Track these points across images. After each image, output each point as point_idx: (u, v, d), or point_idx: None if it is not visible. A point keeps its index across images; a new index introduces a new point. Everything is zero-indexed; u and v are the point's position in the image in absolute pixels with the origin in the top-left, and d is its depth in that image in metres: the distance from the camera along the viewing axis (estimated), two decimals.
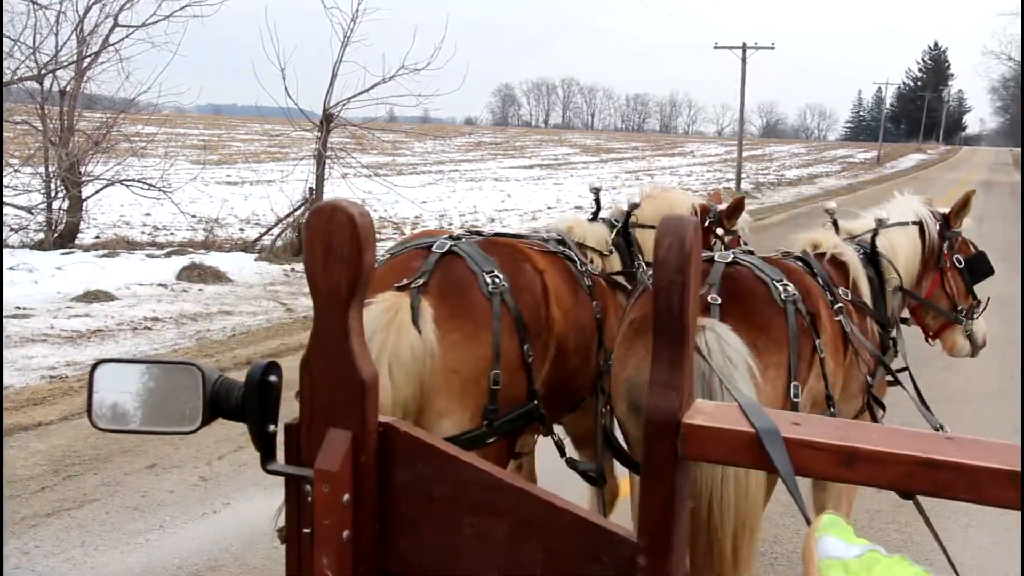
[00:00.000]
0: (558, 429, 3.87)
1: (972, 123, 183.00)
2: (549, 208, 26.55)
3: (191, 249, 14.96)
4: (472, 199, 28.22)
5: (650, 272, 3.51)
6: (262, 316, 11.08)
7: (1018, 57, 45.76)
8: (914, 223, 4.43)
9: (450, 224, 21.34)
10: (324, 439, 1.35)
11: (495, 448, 3.31)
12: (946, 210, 4.59)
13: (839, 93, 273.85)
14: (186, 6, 14.84)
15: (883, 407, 3.99)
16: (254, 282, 13.09)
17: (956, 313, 4.55)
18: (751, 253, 3.67)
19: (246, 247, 15.78)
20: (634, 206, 4.59)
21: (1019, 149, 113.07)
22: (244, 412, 1.39)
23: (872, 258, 4.20)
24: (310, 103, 16.29)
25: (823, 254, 4.00)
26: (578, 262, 3.96)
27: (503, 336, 3.21)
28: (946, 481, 1.33)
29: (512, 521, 1.40)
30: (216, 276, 12.89)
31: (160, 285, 12.22)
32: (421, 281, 3.17)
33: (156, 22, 14.68)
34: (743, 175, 37.81)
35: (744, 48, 37.15)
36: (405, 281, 3.19)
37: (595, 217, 4.68)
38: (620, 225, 4.52)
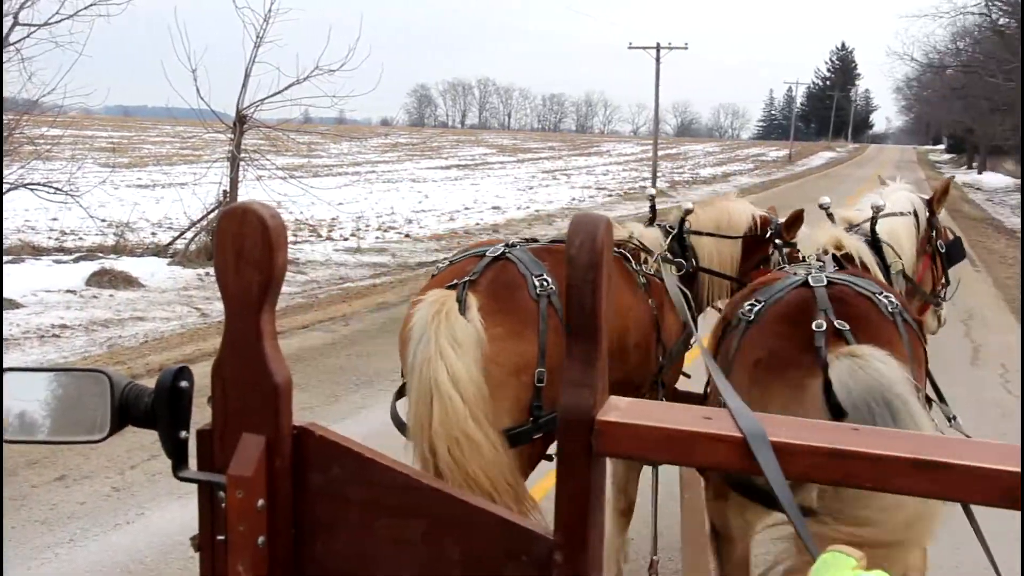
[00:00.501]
0: None
1: (879, 122, 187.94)
2: (467, 208, 26.56)
3: (101, 254, 14.59)
4: (389, 200, 28.06)
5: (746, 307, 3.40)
6: (176, 321, 10.87)
7: (920, 58, 47.00)
8: (910, 211, 4.52)
9: (367, 226, 21.20)
10: (238, 444, 1.33)
11: (536, 445, 3.42)
12: (928, 196, 4.73)
13: (751, 93, 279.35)
14: (91, 5, 14.40)
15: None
16: (167, 287, 12.84)
17: (935, 295, 4.68)
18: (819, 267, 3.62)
19: (159, 251, 15.45)
20: (688, 212, 4.61)
21: (923, 147, 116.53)
22: (154, 419, 1.36)
23: (874, 245, 4.23)
24: (223, 104, 16.03)
25: (848, 255, 3.97)
26: (632, 261, 4.07)
27: (549, 336, 3.27)
28: (853, 470, 1.35)
29: (428, 522, 1.40)
30: (127, 281, 12.61)
31: (68, 291, 11.90)
32: (469, 280, 3.31)
33: (59, 21, 14.25)
34: (659, 174, 38.25)
35: (658, 48, 37.56)
36: (455, 281, 3.32)
37: (651, 223, 4.70)
38: (676, 231, 4.54)
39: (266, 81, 15.52)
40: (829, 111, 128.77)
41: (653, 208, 4.88)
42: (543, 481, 4.30)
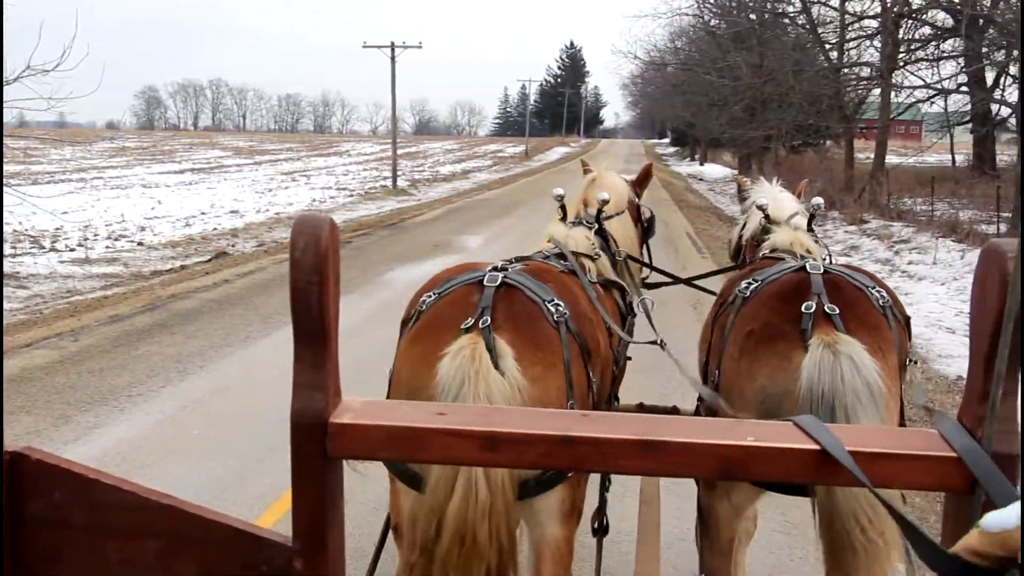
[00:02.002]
0: None
1: (609, 117, 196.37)
2: (203, 214, 25.65)
3: None
4: (119, 207, 26.67)
5: (745, 284, 3.49)
6: None
7: (643, 56, 49.56)
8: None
9: (96, 235, 20.06)
10: None
11: (577, 480, 3.08)
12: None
13: (487, 90, 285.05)
14: None
15: None
16: None
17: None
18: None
19: None
20: (604, 202, 4.53)
21: (649, 140, 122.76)
22: None
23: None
24: None
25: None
26: (581, 277, 3.88)
27: (572, 364, 3.08)
28: (582, 456, 1.42)
29: (162, 541, 1.36)
30: None
31: None
32: (487, 319, 2.95)
33: None
34: (399, 172, 38.34)
35: (393, 47, 37.64)
36: (471, 321, 2.96)
37: (563, 221, 4.59)
38: (596, 224, 4.49)
39: None
40: (562, 107, 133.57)
41: (563, 208, 4.76)
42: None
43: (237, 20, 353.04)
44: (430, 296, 3.22)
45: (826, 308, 3.05)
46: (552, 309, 3.12)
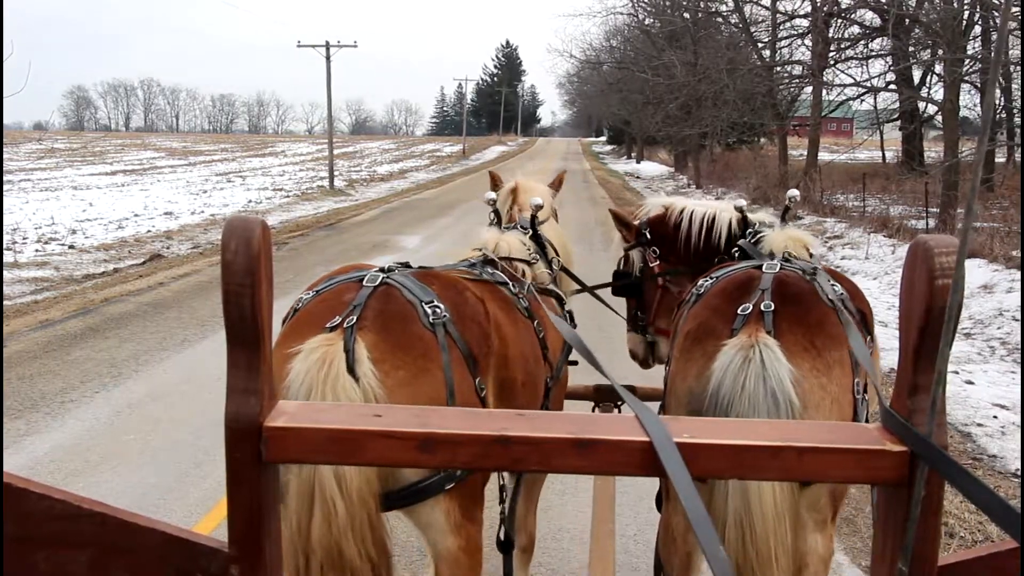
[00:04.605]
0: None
1: (545, 116, 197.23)
2: (137, 216, 25.25)
3: None
4: (49, 210, 26.10)
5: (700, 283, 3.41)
6: None
7: (579, 55, 49.89)
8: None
9: (24, 238, 19.62)
10: None
11: (467, 488, 2.92)
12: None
13: (423, 90, 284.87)
14: None
15: None
16: None
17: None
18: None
19: None
20: (539, 207, 4.45)
21: (587, 139, 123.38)
22: None
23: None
24: None
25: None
26: (510, 284, 3.70)
27: (453, 370, 2.87)
28: (519, 455, 1.42)
29: (94, 550, 1.33)
30: None
31: None
32: (353, 318, 2.76)
33: None
34: (336, 172, 38.12)
35: (328, 46, 37.43)
36: (337, 320, 2.77)
37: (498, 226, 4.49)
38: (531, 229, 4.40)
39: None
40: (499, 106, 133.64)
41: (497, 212, 4.69)
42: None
43: (167, 19, 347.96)
44: (308, 294, 3.07)
45: (762, 306, 2.97)
46: (428, 311, 2.93)
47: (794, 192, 4.54)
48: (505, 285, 3.68)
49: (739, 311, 2.98)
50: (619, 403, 4.70)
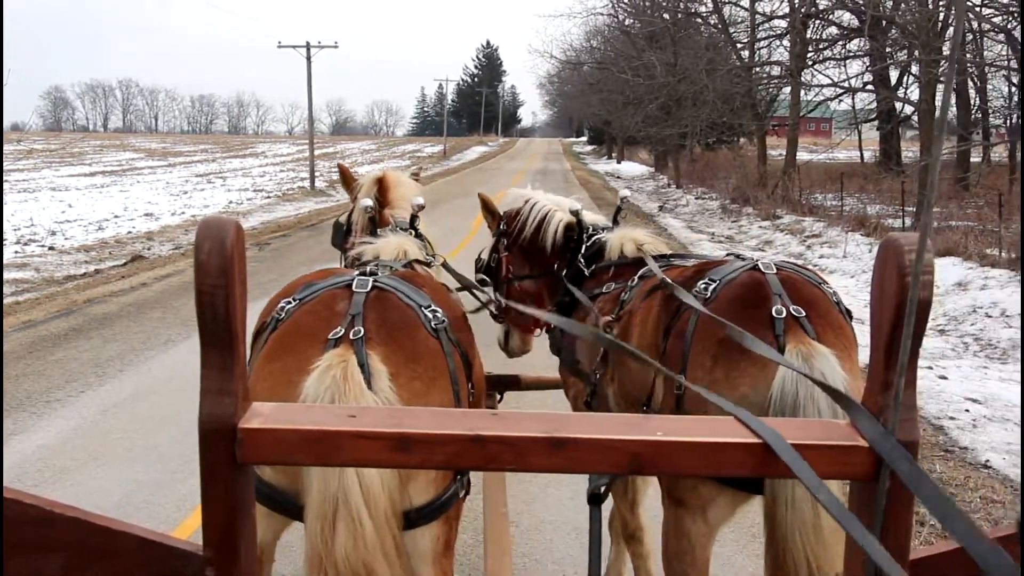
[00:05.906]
0: None
1: (526, 116, 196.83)
2: (117, 217, 25.13)
3: None
4: (28, 211, 25.94)
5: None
6: None
7: (559, 55, 49.92)
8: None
9: (4, 240, 19.53)
10: None
11: (451, 515, 2.83)
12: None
13: (404, 90, 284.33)
14: None
15: None
16: None
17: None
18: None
19: None
20: (421, 207, 4.39)
21: (567, 139, 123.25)
22: None
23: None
24: None
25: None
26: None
27: (457, 375, 2.80)
28: (494, 454, 1.43)
29: (68, 555, 1.33)
30: None
31: None
32: (358, 328, 2.63)
33: None
34: (317, 173, 38.01)
35: (308, 47, 37.35)
36: (340, 331, 2.63)
37: (374, 231, 4.35)
38: (415, 230, 4.29)
39: None
40: (479, 107, 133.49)
41: (373, 219, 4.45)
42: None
43: (144, 19, 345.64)
44: (289, 303, 2.85)
45: (792, 311, 2.94)
46: (429, 315, 2.83)
47: (625, 193, 4.81)
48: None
49: (773, 314, 2.90)
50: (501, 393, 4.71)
